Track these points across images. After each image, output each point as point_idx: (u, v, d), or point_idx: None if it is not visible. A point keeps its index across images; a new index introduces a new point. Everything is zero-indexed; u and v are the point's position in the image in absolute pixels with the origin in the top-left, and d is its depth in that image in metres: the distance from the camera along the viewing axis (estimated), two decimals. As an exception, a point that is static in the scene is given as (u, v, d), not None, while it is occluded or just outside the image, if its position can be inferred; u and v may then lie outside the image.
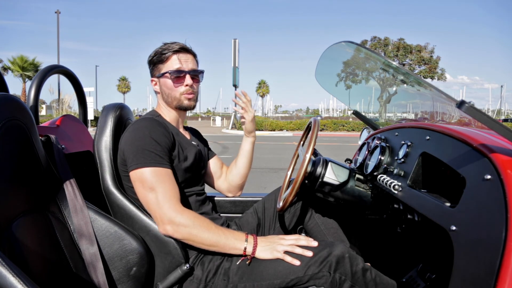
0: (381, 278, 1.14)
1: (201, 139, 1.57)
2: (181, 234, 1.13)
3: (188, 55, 1.34)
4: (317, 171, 1.37)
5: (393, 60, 2.58)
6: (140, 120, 1.26)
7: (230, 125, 25.67)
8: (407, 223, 1.16)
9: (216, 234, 1.13)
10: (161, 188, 1.14)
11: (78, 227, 1.11)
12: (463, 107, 0.73)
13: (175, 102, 1.34)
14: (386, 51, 32.18)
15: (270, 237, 1.19)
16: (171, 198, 1.14)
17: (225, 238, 1.14)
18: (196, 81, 1.35)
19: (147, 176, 1.15)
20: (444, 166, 0.95)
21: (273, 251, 1.12)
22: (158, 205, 1.13)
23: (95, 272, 1.08)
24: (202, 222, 1.14)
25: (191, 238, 1.13)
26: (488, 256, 0.68)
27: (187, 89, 1.32)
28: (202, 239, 1.13)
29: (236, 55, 25.36)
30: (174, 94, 1.33)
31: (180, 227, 1.12)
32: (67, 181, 1.16)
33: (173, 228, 1.12)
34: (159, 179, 1.15)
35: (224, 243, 1.14)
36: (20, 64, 28.09)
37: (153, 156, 1.16)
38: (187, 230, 1.12)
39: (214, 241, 1.13)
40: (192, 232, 1.12)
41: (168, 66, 1.32)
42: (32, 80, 1.55)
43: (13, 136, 0.98)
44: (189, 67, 1.33)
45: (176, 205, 1.14)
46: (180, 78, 1.32)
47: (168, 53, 1.31)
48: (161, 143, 1.19)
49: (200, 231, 1.12)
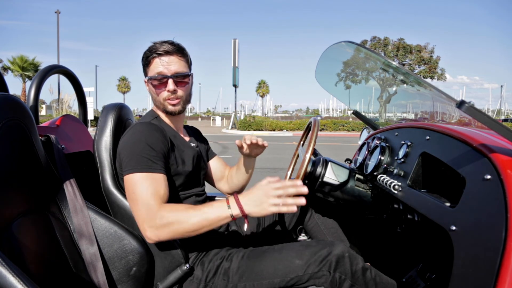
0: (381, 278, 1.14)
1: (201, 139, 1.55)
2: (164, 235, 1.04)
3: (172, 57, 1.25)
4: (317, 171, 1.37)
5: (393, 60, 2.58)
6: (137, 124, 1.23)
7: (230, 125, 25.67)
8: (407, 223, 1.17)
9: (197, 217, 1.04)
10: (143, 194, 1.07)
11: (78, 227, 1.11)
12: (463, 107, 0.73)
13: (161, 107, 1.30)
14: (386, 51, 32.18)
15: (254, 191, 1.04)
16: (149, 203, 1.06)
17: (206, 215, 1.04)
18: (182, 84, 1.28)
19: (135, 181, 1.09)
20: (444, 166, 0.95)
21: (264, 208, 1.02)
22: (136, 212, 1.08)
23: (95, 272, 1.08)
24: (179, 214, 1.05)
25: (175, 234, 1.05)
26: (488, 256, 0.68)
27: (169, 95, 1.26)
28: (187, 229, 1.04)
29: (236, 55, 25.36)
30: (158, 99, 1.29)
31: (159, 230, 1.03)
32: (67, 181, 1.16)
33: (153, 233, 1.04)
34: (145, 183, 1.09)
35: (211, 220, 1.04)
36: (20, 64, 28.08)
37: (145, 161, 1.11)
38: (167, 230, 1.03)
39: (199, 224, 1.04)
40: (173, 229, 1.03)
41: (151, 70, 1.27)
42: (32, 80, 1.55)
43: (13, 136, 0.98)
44: (172, 70, 1.24)
45: (154, 207, 1.05)
46: (161, 83, 1.26)
47: (150, 57, 1.26)
48: (155, 149, 1.15)
49: (180, 224, 1.03)
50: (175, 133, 1.34)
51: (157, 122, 1.29)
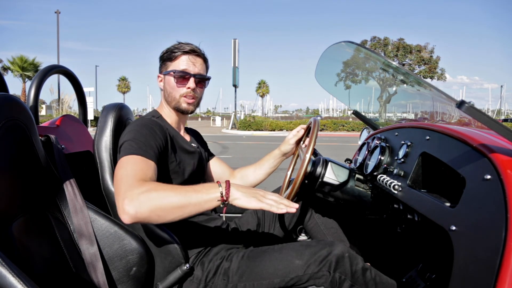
0: (381, 278, 1.14)
1: (201, 142, 1.56)
2: (144, 207, 0.89)
3: (198, 59, 1.32)
4: (317, 171, 1.37)
5: (393, 60, 2.58)
6: (138, 119, 1.25)
7: (230, 125, 25.67)
8: (407, 223, 1.17)
9: (183, 192, 0.93)
10: (129, 171, 0.99)
11: (78, 227, 1.11)
12: (463, 107, 0.73)
13: (174, 103, 1.32)
14: (386, 51, 32.18)
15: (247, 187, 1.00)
16: (133, 176, 0.97)
17: (195, 192, 0.94)
18: (200, 86, 1.33)
19: (123, 162, 1.03)
20: (444, 166, 0.95)
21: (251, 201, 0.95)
22: (117, 189, 0.95)
23: (95, 272, 1.08)
24: (164, 187, 0.95)
25: (157, 207, 0.90)
26: (488, 256, 0.68)
27: (188, 92, 1.30)
28: (170, 203, 0.91)
29: (236, 55, 25.38)
30: (174, 94, 1.31)
31: (136, 200, 0.89)
32: (67, 181, 1.16)
33: (131, 204, 0.89)
34: (133, 163, 1.01)
35: (197, 198, 0.93)
36: (20, 64, 28.07)
37: (139, 146, 1.07)
38: (146, 198, 0.90)
39: (184, 201, 0.91)
40: (152, 197, 0.90)
41: (175, 65, 1.30)
42: (32, 80, 1.55)
43: (13, 136, 0.98)
44: (196, 70, 1.31)
45: (135, 181, 0.95)
46: (184, 79, 1.30)
47: (178, 52, 1.30)
48: (151, 139, 1.12)
49: (163, 196, 0.91)
50: (176, 133, 1.34)
51: (159, 121, 1.29)
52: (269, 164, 1.62)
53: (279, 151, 1.60)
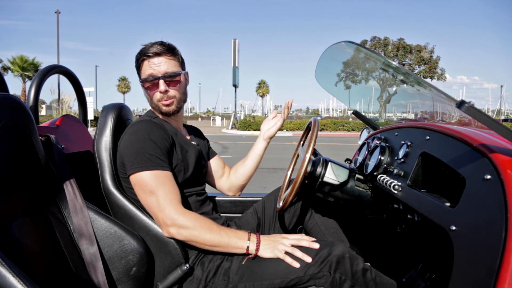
0: (381, 278, 1.14)
1: (201, 138, 1.56)
2: (184, 236, 1.13)
3: (161, 58, 1.25)
4: (317, 171, 1.37)
5: (393, 60, 2.58)
6: (138, 122, 1.24)
7: (230, 125, 25.67)
8: (407, 223, 1.16)
9: (218, 234, 1.14)
10: (161, 191, 1.14)
11: (78, 227, 1.11)
12: (463, 107, 0.73)
13: (156, 108, 1.31)
14: (386, 51, 32.17)
15: (273, 236, 1.19)
16: (172, 200, 1.14)
17: (227, 238, 1.14)
18: (173, 84, 1.27)
19: (146, 179, 1.14)
20: (444, 166, 0.95)
21: (274, 249, 1.12)
22: (159, 208, 1.13)
23: (95, 272, 1.08)
24: (204, 223, 1.14)
25: (193, 239, 1.14)
26: (488, 256, 0.68)
27: (162, 96, 1.27)
28: (205, 240, 1.13)
29: (236, 55, 25.39)
30: (152, 100, 1.30)
31: (182, 229, 1.12)
32: (67, 181, 1.16)
33: (176, 230, 1.13)
34: (159, 182, 1.14)
35: (227, 243, 1.14)
36: (20, 64, 28.05)
37: (153, 159, 1.15)
38: (190, 232, 1.13)
39: (216, 241, 1.13)
40: (195, 233, 1.13)
41: (143, 73, 1.27)
42: (32, 80, 1.55)
43: (13, 136, 0.98)
44: (162, 71, 1.24)
45: (178, 207, 1.14)
46: (153, 85, 1.26)
47: (140, 59, 1.27)
48: (160, 145, 1.17)
49: (202, 232, 1.13)
50: (176, 131, 1.34)
51: (158, 121, 1.29)
52: (253, 152, 1.64)
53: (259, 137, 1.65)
